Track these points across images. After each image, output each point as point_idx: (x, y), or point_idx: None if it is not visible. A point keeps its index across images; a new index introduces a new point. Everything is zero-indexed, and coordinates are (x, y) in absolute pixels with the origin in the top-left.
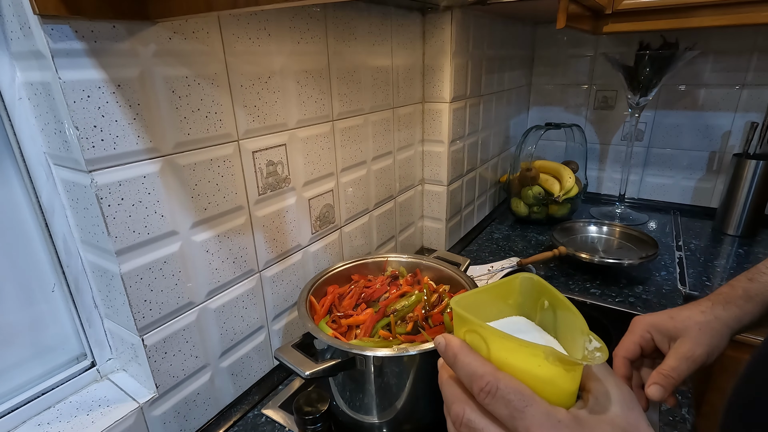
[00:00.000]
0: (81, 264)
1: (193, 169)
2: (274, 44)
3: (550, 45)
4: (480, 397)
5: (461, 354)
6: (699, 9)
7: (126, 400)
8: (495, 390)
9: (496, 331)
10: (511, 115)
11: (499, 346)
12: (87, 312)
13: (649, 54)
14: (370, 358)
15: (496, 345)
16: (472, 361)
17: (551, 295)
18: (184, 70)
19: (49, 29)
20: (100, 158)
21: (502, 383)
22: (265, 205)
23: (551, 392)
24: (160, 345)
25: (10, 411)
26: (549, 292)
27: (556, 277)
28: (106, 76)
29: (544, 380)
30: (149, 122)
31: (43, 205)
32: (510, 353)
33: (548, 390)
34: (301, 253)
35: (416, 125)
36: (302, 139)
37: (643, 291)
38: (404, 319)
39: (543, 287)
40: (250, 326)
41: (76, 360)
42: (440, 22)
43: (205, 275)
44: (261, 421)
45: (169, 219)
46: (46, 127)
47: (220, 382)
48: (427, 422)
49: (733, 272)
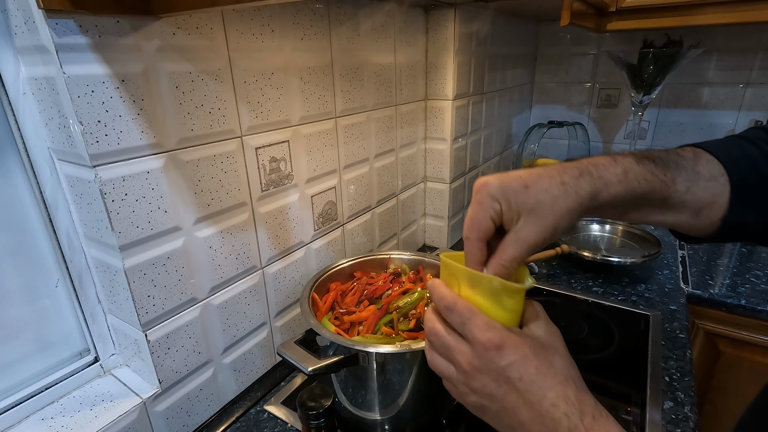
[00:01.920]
0: (84, 259)
1: (196, 165)
2: (278, 40)
3: (553, 43)
4: (443, 313)
5: (437, 286)
6: (703, 6)
7: (129, 396)
8: (453, 306)
9: (461, 267)
10: (513, 113)
11: (463, 280)
12: (90, 307)
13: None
14: (372, 354)
15: (462, 279)
16: (443, 290)
17: None
18: (188, 65)
19: (53, 24)
20: (104, 153)
21: (459, 303)
22: (267, 202)
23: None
24: (163, 340)
25: (14, 405)
26: None
27: (558, 275)
28: (110, 71)
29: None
30: (153, 118)
31: (47, 201)
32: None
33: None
34: (304, 250)
35: (419, 123)
36: (305, 136)
37: (646, 289)
38: (407, 316)
39: None
40: (252, 323)
41: (79, 355)
42: (443, 19)
43: (208, 271)
44: (263, 417)
45: (173, 215)
46: (50, 122)
47: (222, 378)
48: (429, 419)
49: (735, 271)
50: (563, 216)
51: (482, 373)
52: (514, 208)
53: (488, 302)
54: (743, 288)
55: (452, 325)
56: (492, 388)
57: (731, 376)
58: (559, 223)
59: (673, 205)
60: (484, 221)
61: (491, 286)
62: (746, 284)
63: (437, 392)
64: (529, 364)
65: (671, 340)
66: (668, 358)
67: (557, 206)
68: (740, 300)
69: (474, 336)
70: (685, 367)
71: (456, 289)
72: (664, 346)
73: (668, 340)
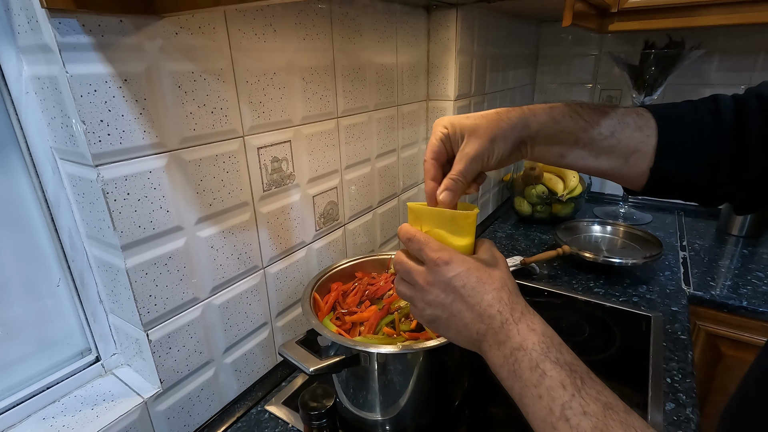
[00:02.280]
0: (86, 259)
1: (198, 165)
2: (280, 40)
3: (554, 43)
4: (406, 245)
5: (403, 227)
6: (705, 8)
7: (130, 395)
8: (412, 237)
9: (420, 206)
10: None
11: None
12: (92, 307)
13: (655, 53)
14: (374, 354)
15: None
16: (406, 227)
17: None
18: (191, 65)
19: (56, 23)
20: (106, 153)
21: (417, 234)
22: (269, 202)
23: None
24: (164, 340)
25: (15, 405)
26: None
27: (559, 276)
28: (112, 70)
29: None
30: (155, 117)
31: (49, 200)
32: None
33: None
34: (305, 250)
35: (420, 123)
36: (307, 136)
37: (647, 291)
38: (408, 317)
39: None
40: (253, 322)
41: (80, 355)
42: (445, 19)
43: (209, 271)
44: (264, 417)
45: (175, 214)
46: (53, 122)
47: (223, 378)
48: (430, 419)
49: (737, 272)
50: (497, 135)
51: (434, 286)
52: (458, 131)
53: (443, 233)
54: (745, 289)
55: (412, 252)
56: (442, 298)
57: (733, 377)
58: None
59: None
60: (435, 143)
61: (442, 216)
62: (748, 286)
63: (438, 393)
64: (471, 275)
65: (673, 341)
66: (670, 360)
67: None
68: (742, 301)
69: (428, 256)
70: (687, 368)
71: (418, 227)
72: (665, 347)
73: (670, 341)
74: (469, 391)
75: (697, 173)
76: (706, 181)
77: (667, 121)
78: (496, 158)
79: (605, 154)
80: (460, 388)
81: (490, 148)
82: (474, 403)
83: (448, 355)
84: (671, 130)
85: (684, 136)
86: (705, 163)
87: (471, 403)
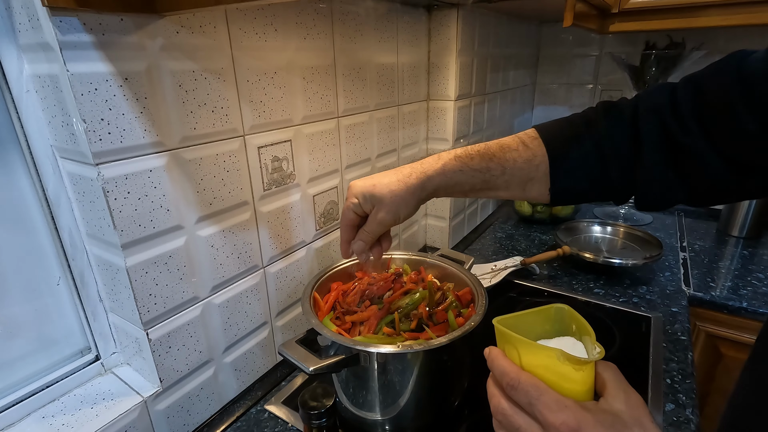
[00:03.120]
0: (86, 257)
1: (199, 164)
2: (281, 40)
3: (555, 44)
4: (507, 390)
5: (497, 359)
6: (706, 8)
7: (130, 394)
8: (517, 383)
9: (523, 339)
10: (515, 114)
11: (525, 351)
12: (92, 305)
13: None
14: (374, 354)
15: (524, 351)
16: (504, 364)
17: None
18: (191, 64)
19: (57, 21)
20: (106, 151)
21: (523, 378)
22: (269, 201)
23: (566, 388)
24: (164, 339)
25: (15, 403)
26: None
27: (559, 276)
28: (113, 69)
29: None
30: (156, 116)
31: (50, 198)
32: (533, 356)
33: (564, 386)
34: (305, 250)
35: (421, 123)
36: (307, 136)
37: (647, 291)
38: (408, 317)
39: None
40: (253, 322)
41: (80, 353)
42: (446, 19)
43: (209, 270)
44: (264, 416)
45: (175, 213)
46: (53, 120)
47: (223, 377)
48: (430, 419)
49: (737, 273)
50: (400, 204)
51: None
52: (368, 201)
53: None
54: (745, 290)
55: (519, 404)
56: None
57: (732, 378)
58: (399, 208)
59: (497, 186)
60: (348, 213)
61: (554, 358)
62: (748, 287)
63: (438, 393)
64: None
65: (672, 342)
66: (669, 360)
67: (396, 197)
68: (742, 302)
69: (546, 419)
70: (687, 369)
71: (515, 357)
72: (665, 348)
73: (669, 342)
74: (468, 391)
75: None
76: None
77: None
78: (402, 219)
79: (502, 189)
80: (460, 388)
81: (396, 214)
82: (474, 403)
83: (448, 355)
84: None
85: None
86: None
87: (471, 403)
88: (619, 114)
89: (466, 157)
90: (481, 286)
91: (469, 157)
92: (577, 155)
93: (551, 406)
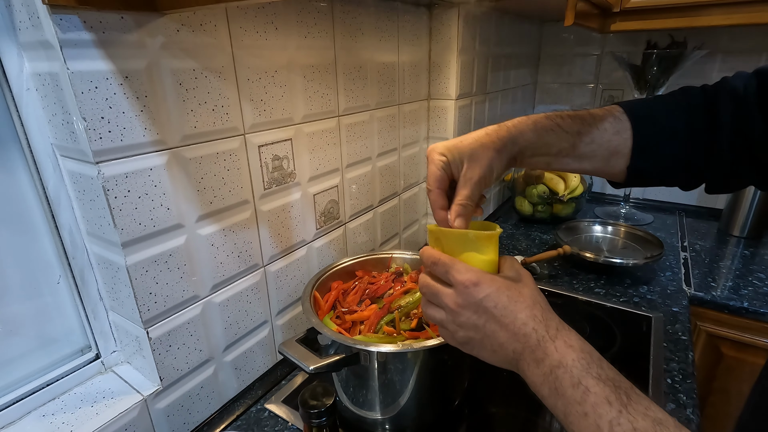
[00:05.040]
0: (87, 256)
1: (199, 163)
2: (282, 38)
3: (556, 43)
4: (431, 268)
5: (425, 250)
6: (708, 8)
7: (130, 393)
8: (437, 260)
9: (442, 229)
10: (516, 113)
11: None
12: (92, 304)
13: (657, 53)
14: (374, 353)
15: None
16: (429, 251)
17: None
18: (192, 62)
19: (57, 19)
20: (107, 150)
21: (441, 257)
22: (270, 200)
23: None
24: (164, 338)
25: (15, 402)
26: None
27: (560, 276)
28: (113, 67)
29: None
30: (156, 114)
31: (50, 197)
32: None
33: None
34: (306, 249)
35: (421, 122)
36: (308, 134)
37: (648, 291)
38: (408, 316)
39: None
40: (254, 321)
41: (80, 352)
42: (447, 18)
43: (210, 269)
44: (264, 415)
45: (175, 212)
46: (54, 118)
47: (223, 376)
48: (430, 418)
49: (738, 273)
50: (493, 156)
51: (465, 308)
52: (457, 158)
53: (467, 254)
54: (746, 290)
55: (438, 276)
56: (474, 319)
57: (733, 378)
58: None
59: (583, 154)
60: (437, 172)
61: (466, 238)
62: (749, 287)
63: (438, 392)
64: (501, 294)
65: (673, 342)
66: (670, 360)
67: (487, 149)
68: (743, 302)
69: (455, 278)
70: (687, 369)
71: (440, 250)
72: (666, 348)
73: (670, 342)
74: (468, 391)
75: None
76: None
77: (641, 123)
78: (495, 177)
79: (587, 159)
80: (460, 388)
81: (490, 170)
82: (474, 403)
83: (448, 354)
84: (645, 133)
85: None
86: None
87: (471, 402)
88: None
89: (557, 117)
90: None
91: (560, 117)
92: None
93: (460, 269)
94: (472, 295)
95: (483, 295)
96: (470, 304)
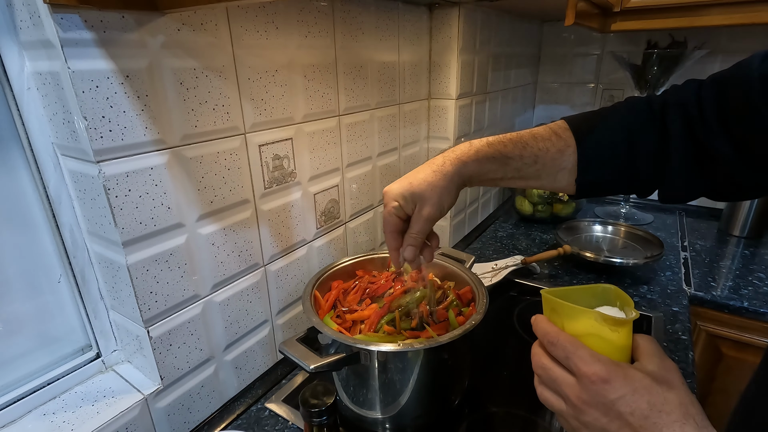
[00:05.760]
0: (87, 255)
1: (200, 162)
2: (282, 38)
3: (556, 43)
4: (547, 347)
5: (540, 323)
6: (708, 8)
7: (131, 392)
8: (556, 340)
9: (564, 303)
10: (516, 113)
11: (567, 316)
12: (93, 303)
13: (657, 53)
14: (374, 352)
15: (566, 315)
16: (545, 325)
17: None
18: (192, 62)
19: (58, 18)
20: (108, 149)
21: (561, 336)
22: (270, 199)
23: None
24: (165, 337)
25: (16, 400)
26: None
27: (560, 276)
28: (114, 66)
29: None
30: (157, 114)
31: (51, 196)
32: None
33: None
34: (306, 248)
35: (422, 122)
36: (308, 134)
37: (648, 291)
38: (409, 315)
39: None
40: (254, 320)
41: (81, 351)
42: (447, 18)
43: (210, 268)
44: (264, 414)
45: (176, 211)
46: (55, 117)
47: (224, 375)
48: (430, 418)
49: (738, 273)
50: (442, 193)
51: (591, 407)
52: (409, 200)
53: (593, 336)
54: (746, 290)
55: (557, 359)
56: (603, 423)
57: (733, 378)
58: (441, 199)
59: (528, 175)
60: (390, 218)
61: (593, 319)
62: (749, 286)
63: (438, 391)
64: (640, 398)
65: (673, 341)
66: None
67: (434, 189)
68: (743, 302)
69: (579, 369)
70: (687, 368)
71: (559, 324)
72: (666, 347)
73: (670, 341)
74: (469, 390)
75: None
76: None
77: (584, 139)
78: (447, 209)
79: (533, 179)
80: (460, 387)
81: (440, 206)
82: (474, 402)
83: (448, 354)
84: (588, 148)
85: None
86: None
87: (471, 401)
88: (648, 108)
89: (498, 144)
90: (482, 285)
91: (502, 144)
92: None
93: (585, 358)
94: (600, 393)
95: (615, 397)
96: (598, 404)
